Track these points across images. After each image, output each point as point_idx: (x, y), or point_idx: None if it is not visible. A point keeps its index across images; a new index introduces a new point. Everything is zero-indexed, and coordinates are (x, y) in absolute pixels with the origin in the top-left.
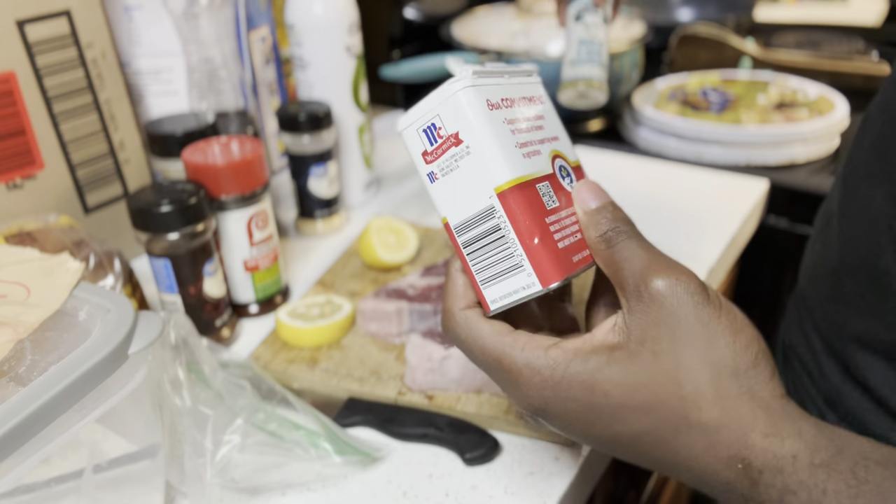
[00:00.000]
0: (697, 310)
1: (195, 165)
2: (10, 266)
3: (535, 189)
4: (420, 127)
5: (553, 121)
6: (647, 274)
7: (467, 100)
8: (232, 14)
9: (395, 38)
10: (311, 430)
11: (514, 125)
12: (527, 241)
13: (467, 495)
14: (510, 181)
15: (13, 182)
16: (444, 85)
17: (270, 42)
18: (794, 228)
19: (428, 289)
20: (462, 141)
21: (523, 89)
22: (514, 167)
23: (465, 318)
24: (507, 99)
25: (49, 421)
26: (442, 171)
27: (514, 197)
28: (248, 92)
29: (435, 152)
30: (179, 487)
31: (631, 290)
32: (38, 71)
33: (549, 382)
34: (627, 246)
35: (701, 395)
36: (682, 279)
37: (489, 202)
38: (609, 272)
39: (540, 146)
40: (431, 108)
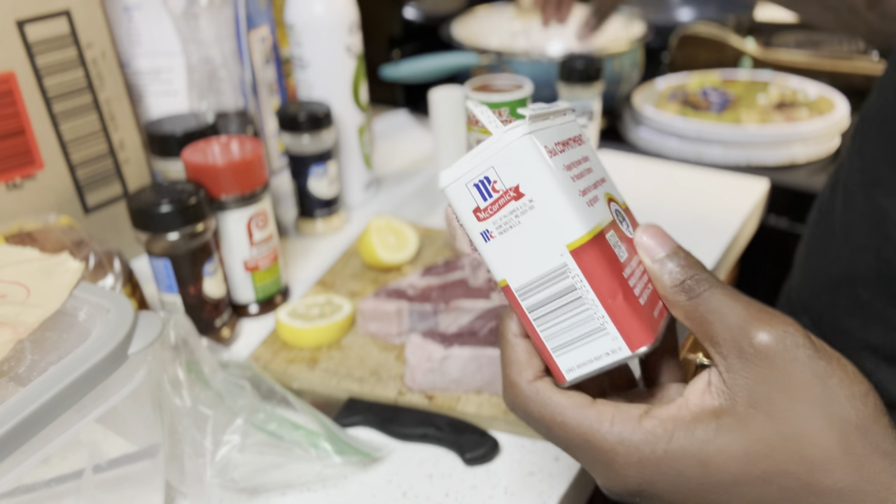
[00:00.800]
0: (811, 363)
1: (195, 165)
2: (10, 266)
3: (606, 241)
4: (470, 181)
5: (597, 161)
6: (747, 327)
7: (527, 148)
8: (232, 14)
9: (395, 38)
10: (311, 430)
11: (572, 171)
12: (608, 300)
13: (467, 495)
14: (584, 236)
15: (13, 182)
16: (496, 133)
17: (270, 42)
18: (794, 228)
19: (428, 289)
20: (523, 194)
21: (568, 130)
22: (585, 219)
23: (535, 391)
24: (560, 143)
25: (49, 421)
26: (499, 229)
27: (589, 252)
28: (248, 92)
29: (490, 208)
30: (179, 487)
31: (729, 347)
32: (37, 71)
33: (650, 460)
34: (713, 296)
35: (829, 458)
36: (789, 330)
37: (560, 260)
38: (693, 326)
39: (595, 191)
40: (484, 159)
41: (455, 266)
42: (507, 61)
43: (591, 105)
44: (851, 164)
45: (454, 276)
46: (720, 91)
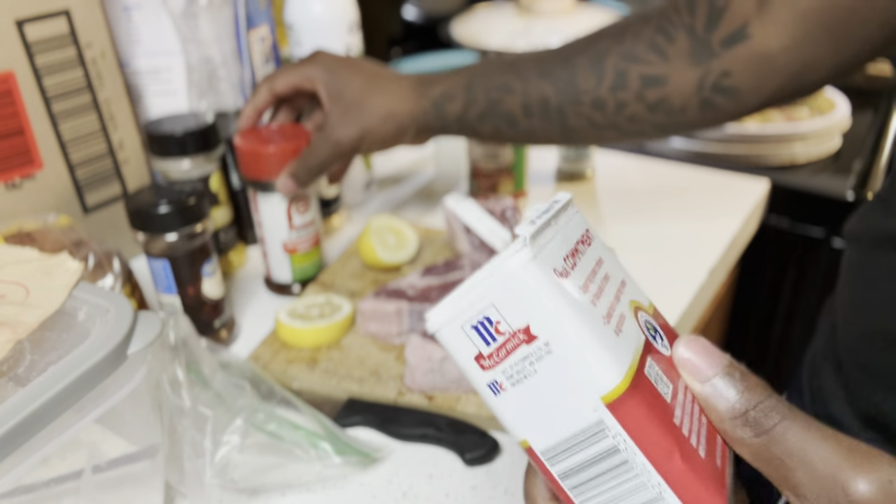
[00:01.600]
0: None
1: (246, 149)
2: (10, 266)
3: (647, 380)
4: (467, 322)
5: (610, 258)
6: (840, 475)
7: (533, 279)
8: (231, 13)
9: (395, 38)
10: (310, 431)
11: (590, 291)
12: (663, 463)
13: (467, 496)
14: (621, 382)
15: (12, 182)
16: (494, 261)
17: (270, 41)
18: (795, 228)
19: (428, 289)
20: (536, 336)
21: (574, 230)
22: (619, 358)
23: None
24: (569, 255)
25: (48, 421)
26: (510, 380)
27: (631, 403)
28: (247, 91)
29: (496, 355)
30: (179, 488)
31: (819, 499)
32: (37, 70)
33: None
34: (790, 432)
35: None
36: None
37: (595, 416)
38: (765, 469)
39: (620, 306)
40: (481, 295)
41: (455, 266)
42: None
43: None
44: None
45: (454, 276)
46: None
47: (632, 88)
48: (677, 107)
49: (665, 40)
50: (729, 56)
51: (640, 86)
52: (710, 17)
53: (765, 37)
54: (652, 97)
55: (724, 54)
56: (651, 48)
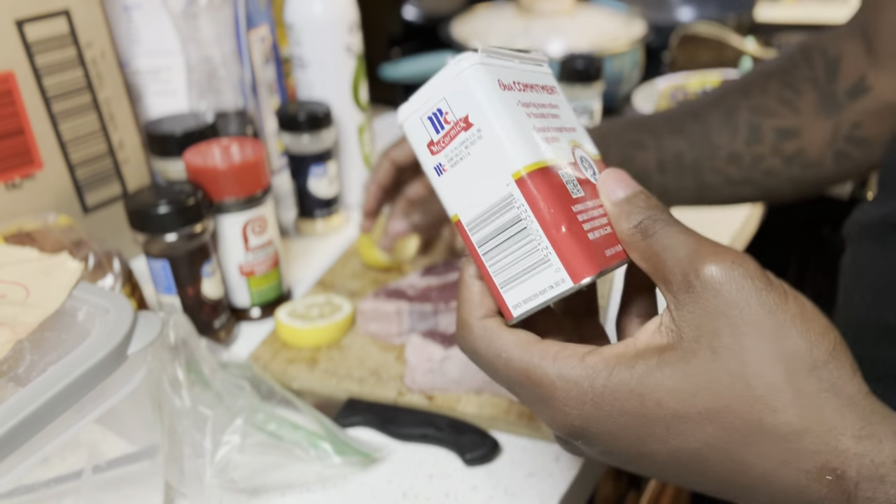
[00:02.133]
0: (761, 296)
1: (195, 167)
2: (9, 266)
3: (558, 175)
4: (424, 114)
5: (568, 112)
6: (696, 260)
7: (476, 78)
8: (231, 13)
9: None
10: (310, 431)
11: (529, 108)
12: (552, 230)
13: (467, 496)
14: (529, 165)
15: (12, 182)
16: (450, 64)
17: (270, 41)
18: (794, 228)
19: (428, 289)
20: (472, 124)
21: (535, 77)
22: (533, 150)
23: (483, 328)
24: (519, 82)
25: (48, 421)
26: (450, 162)
27: (535, 181)
28: (247, 91)
29: (442, 141)
30: (179, 488)
31: (678, 282)
32: (37, 70)
33: (588, 395)
34: (667, 233)
35: (775, 394)
36: (738, 262)
37: (507, 190)
38: (648, 266)
39: (558, 134)
40: (436, 91)
41: (455, 266)
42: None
43: (591, 105)
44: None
45: (454, 276)
46: None
47: (767, 141)
48: (814, 159)
49: (793, 93)
50: (856, 107)
51: (774, 138)
52: (828, 70)
53: (885, 88)
54: (788, 150)
55: (851, 105)
56: (780, 101)
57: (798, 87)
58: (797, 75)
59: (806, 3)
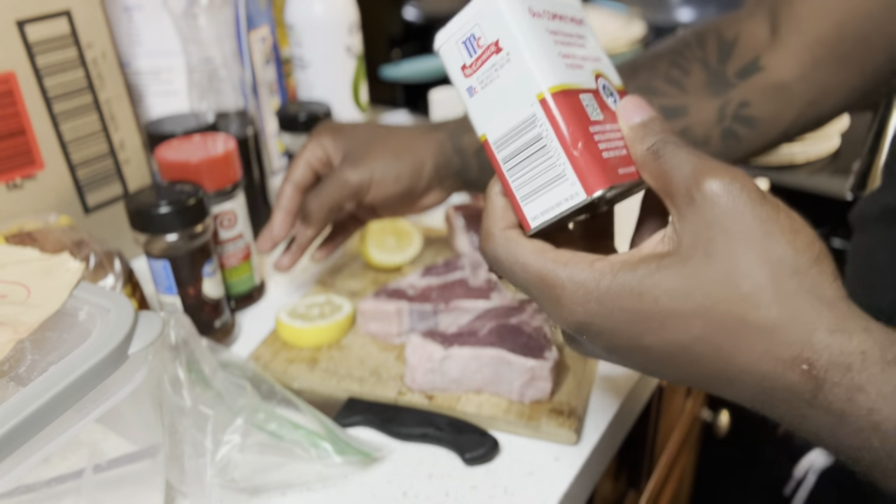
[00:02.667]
0: (754, 207)
1: (165, 162)
2: (10, 266)
3: (579, 99)
4: (459, 39)
5: (594, 43)
6: (698, 176)
7: (508, 4)
8: (232, 14)
9: (395, 38)
10: (311, 430)
11: (557, 36)
12: (570, 148)
13: (467, 495)
14: (553, 87)
15: (13, 182)
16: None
17: (270, 42)
18: None
19: (428, 289)
20: (502, 49)
21: (565, 9)
22: (557, 73)
23: (505, 238)
24: (548, 12)
25: (49, 421)
26: (481, 84)
27: (556, 103)
28: (248, 92)
29: (474, 64)
30: (179, 487)
31: (682, 196)
32: (38, 71)
33: (593, 294)
34: (676, 154)
35: (759, 292)
36: (736, 178)
37: (531, 110)
38: (658, 184)
39: (583, 62)
40: (471, 17)
41: (455, 266)
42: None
43: None
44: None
45: (454, 276)
46: None
47: None
48: (700, 137)
49: (680, 73)
50: (745, 86)
51: None
52: (721, 51)
53: (778, 67)
54: (674, 128)
55: (741, 84)
56: (668, 81)
57: (686, 67)
58: (687, 56)
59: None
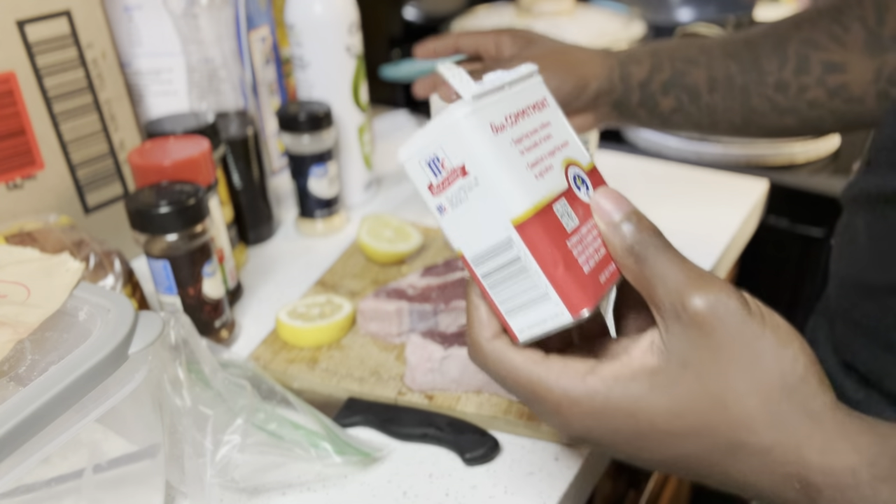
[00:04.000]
0: (741, 328)
1: (136, 165)
2: (10, 266)
3: (553, 211)
4: (422, 159)
5: (560, 124)
6: (683, 292)
7: (469, 128)
8: (232, 14)
9: (395, 38)
10: (311, 430)
11: (522, 144)
12: (550, 270)
13: (467, 495)
14: (526, 211)
15: (13, 182)
16: (444, 113)
17: (270, 42)
18: (794, 228)
19: (428, 289)
20: (468, 172)
21: (526, 97)
22: (528, 194)
23: (493, 349)
24: (510, 115)
25: (49, 421)
26: (451, 204)
27: (531, 227)
28: (248, 92)
29: (441, 185)
30: (179, 487)
31: (668, 311)
32: (38, 71)
33: (589, 412)
34: (659, 261)
35: (751, 417)
36: (721, 296)
37: (506, 234)
38: (640, 289)
39: (551, 159)
40: (432, 139)
41: (455, 266)
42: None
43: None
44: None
45: (454, 276)
46: None
47: (813, 73)
48: (856, 95)
49: (841, 30)
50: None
51: (821, 71)
52: (877, 12)
53: None
54: (832, 82)
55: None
56: (830, 36)
57: (847, 24)
58: (847, 13)
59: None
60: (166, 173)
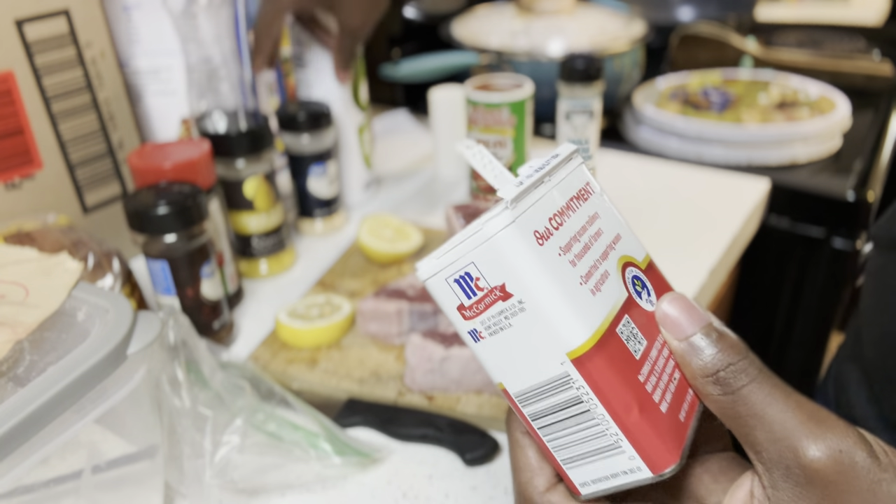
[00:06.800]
0: (872, 485)
1: (137, 167)
2: (9, 266)
3: (618, 337)
4: (450, 276)
5: (609, 213)
6: (796, 441)
7: (510, 243)
8: (231, 13)
9: (395, 38)
10: (310, 431)
11: (572, 251)
12: (621, 416)
13: (467, 496)
14: (587, 341)
15: (11, 182)
16: (476, 223)
17: None
18: (795, 228)
19: None
20: (511, 294)
21: (569, 186)
22: (588, 320)
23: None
24: (555, 216)
25: (48, 421)
26: (488, 330)
27: (595, 360)
28: (247, 91)
29: (475, 307)
30: (178, 488)
31: (773, 460)
32: (36, 70)
33: None
34: (755, 395)
35: None
36: (845, 444)
37: (561, 370)
38: (730, 425)
39: (605, 263)
40: (464, 253)
41: None
42: (508, 61)
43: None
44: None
45: None
46: (721, 91)
47: None
48: None
49: None
50: None
51: None
52: None
53: None
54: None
55: None
56: None
57: None
58: None
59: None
60: (166, 176)
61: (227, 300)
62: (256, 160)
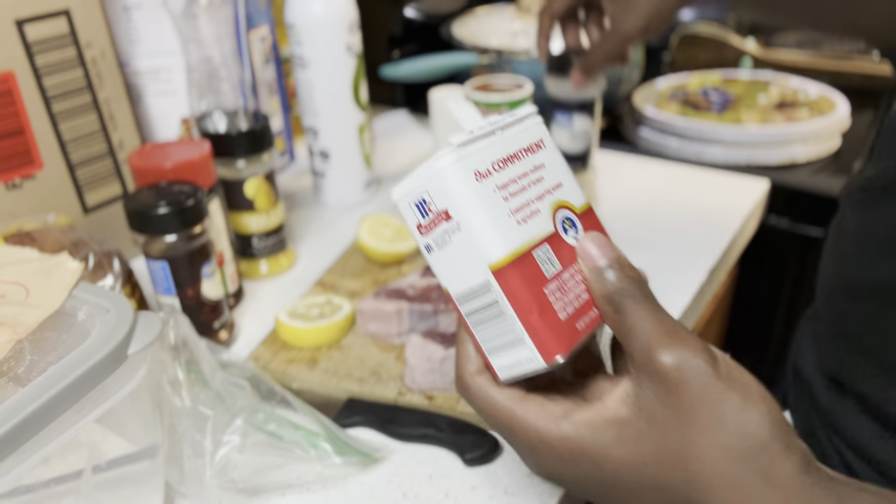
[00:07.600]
0: (706, 389)
1: (137, 167)
2: (9, 266)
3: (533, 258)
4: (412, 201)
5: (555, 165)
6: (653, 348)
7: (452, 176)
8: (231, 13)
9: (395, 38)
10: (310, 431)
11: (507, 189)
12: (525, 316)
13: (467, 496)
14: (504, 258)
15: (12, 182)
16: (431, 159)
17: (270, 41)
18: (795, 228)
19: (428, 289)
20: (452, 217)
21: (519, 139)
22: (507, 241)
23: (475, 384)
24: (497, 162)
25: (48, 421)
26: (437, 244)
27: (509, 273)
28: (247, 91)
29: (428, 226)
30: (179, 488)
31: (639, 364)
32: (37, 70)
33: (559, 456)
34: (635, 312)
35: (710, 479)
36: (687, 355)
37: (484, 278)
38: (619, 338)
39: (539, 203)
40: (419, 183)
41: None
42: (508, 61)
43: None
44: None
45: None
46: (721, 91)
47: None
48: None
49: None
50: None
51: None
52: None
53: None
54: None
55: None
56: None
57: None
58: None
59: None
60: (167, 176)
61: (227, 300)
62: (257, 160)
